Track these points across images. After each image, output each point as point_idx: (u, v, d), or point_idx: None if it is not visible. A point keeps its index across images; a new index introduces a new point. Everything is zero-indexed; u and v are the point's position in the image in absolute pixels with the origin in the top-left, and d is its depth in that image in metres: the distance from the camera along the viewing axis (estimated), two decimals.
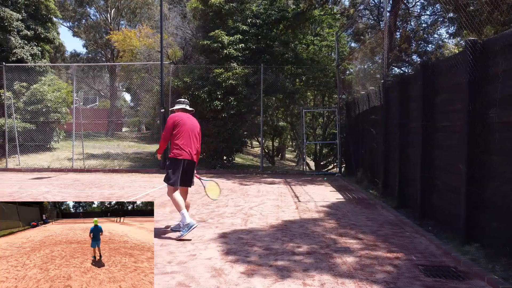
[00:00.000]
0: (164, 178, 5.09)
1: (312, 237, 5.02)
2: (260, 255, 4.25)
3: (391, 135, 7.66)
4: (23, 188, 9.25)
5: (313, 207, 7.19)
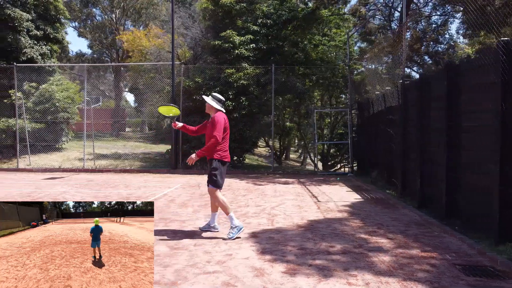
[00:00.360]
0: (209, 180, 4.92)
1: (342, 237, 5.03)
2: (296, 254, 4.26)
3: (410, 135, 7.67)
4: (40, 188, 9.26)
5: (334, 207, 7.21)
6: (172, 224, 5.67)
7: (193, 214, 6.38)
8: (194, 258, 4.08)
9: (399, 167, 8.29)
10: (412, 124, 7.48)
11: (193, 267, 3.81)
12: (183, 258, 4.09)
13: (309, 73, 14.64)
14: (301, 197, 8.31)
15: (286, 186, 10.00)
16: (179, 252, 4.28)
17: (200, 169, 13.33)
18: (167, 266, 3.84)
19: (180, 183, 10.53)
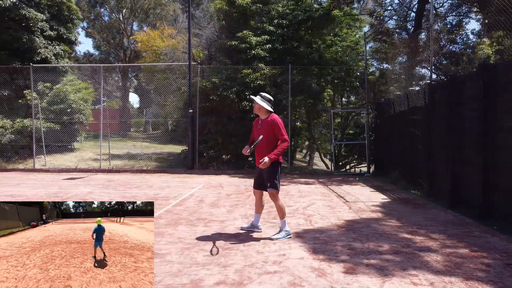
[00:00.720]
0: (270, 184, 4.80)
1: (386, 237, 5.05)
2: (348, 254, 4.28)
3: (438, 135, 7.69)
4: (64, 189, 9.28)
5: (365, 207, 7.23)
6: (211, 224, 5.69)
7: (228, 214, 6.40)
8: (249, 258, 4.10)
9: (424, 167, 8.32)
10: (441, 125, 7.51)
11: (252, 267, 3.83)
12: (238, 258, 4.12)
13: (324, 73, 14.66)
14: (328, 197, 8.33)
15: (309, 187, 10.02)
16: (231, 252, 4.31)
17: (216, 169, 13.37)
18: (226, 266, 3.86)
19: (201, 183, 10.55)
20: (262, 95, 5.01)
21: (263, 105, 4.90)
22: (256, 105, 4.96)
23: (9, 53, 15.17)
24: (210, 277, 3.54)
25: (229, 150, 13.58)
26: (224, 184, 10.30)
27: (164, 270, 3.73)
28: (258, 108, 4.95)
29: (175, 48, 17.04)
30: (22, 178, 11.41)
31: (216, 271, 3.70)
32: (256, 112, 5.01)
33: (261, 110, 4.95)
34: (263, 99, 4.95)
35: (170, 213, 6.43)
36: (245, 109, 12.98)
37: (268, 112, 4.95)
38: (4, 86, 14.84)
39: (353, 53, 16.83)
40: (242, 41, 13.35)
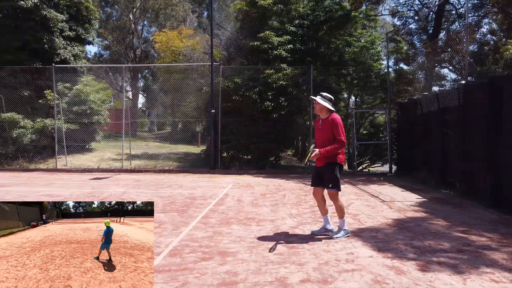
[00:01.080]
0: (332, 184, 4.83)
1: (442, 235, 5.10)
2: (415, 252, 4.33)
3: (476, 136, 7.73)
4: (96, 189, 9.33)
5: (404, 206, 7.28)
6: (263, 223, 5.74)
7: (274, 214, 6.44)
8: (320, 257, 4.16)
9: (459, 167, 8.36)
10: (480, 125, 7.55)
11: (328, 265, 3.88)
12: (308, 256, 4.17)
13: (344, 73, 14.72)
14: (362, 197, 8.38)
15: None
16: (300, 251, 4.36)
17: (238, 169, 13.42)
18: (301, 264, 3.91)
19: (229, 183, 10.60)
20: (323, 95, 4.96)
21: (325, 105, 4.86)
22: (318, 105, 4.91)
23: (29, 54, 15.23)
24: (292, 275, 3.60)
25: (251, 150, 13.63)
26: (253, 184, 10.35)
27: (243, 268, 3.78)
28: (320, 108, 4.92)
29: (194, 49, 17.10)
30: (48, 178, 11.47)
31: (295, 269, 3.76)
32: (317, 112, 4.99)
33: (322, 110, 4.91)
34: (324, 98, 4.91)
35: (216, 213, 6.48)
36: (267, 109, 13.02)
37: (329, 111, 4.92)
38: (25, 87, 14.90)
39: (369, 53, 16.90)
40: (264, 42, 13.40)
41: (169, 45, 18.29)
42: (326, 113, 4.92)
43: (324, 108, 4.90)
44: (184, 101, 16.76)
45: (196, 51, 16.89)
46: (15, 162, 14.15)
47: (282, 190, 9.24)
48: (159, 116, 30.15)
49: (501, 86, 6.95)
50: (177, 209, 6.74)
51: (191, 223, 5.71)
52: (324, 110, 4.91)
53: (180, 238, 4.86)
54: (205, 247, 4.47)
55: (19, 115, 14.38)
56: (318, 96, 4.98)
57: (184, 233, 5.08)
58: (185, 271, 3.70)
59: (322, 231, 5.12)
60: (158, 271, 3.69)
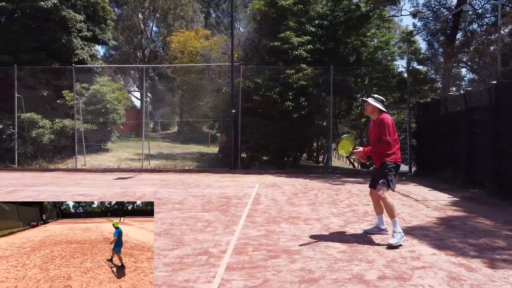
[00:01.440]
0: (383, 182, 4.72)
1: (493, 234, 5.15)
2: (475, 250, 4.38)
3: (508, 135, 7.78)
4: (127, 188, 9.38)
5: (440, 205, 7.33)
6: (311, 222, 5.79)
7: (317, 213, 6.48)
8: (384, 254, 4.20)
9: (489, 167, 8.41)
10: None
11: (396, 263, 3.93)
12: (373, 254, 4.21)
13: (361, 73, 14.79)
14: (394, 196, 8.38)
15: (365, 186, 10.11)
16: (361, 249, 4.40)
17: (258, 168, 13.47)
18: (370, 262, 3.96)
19: (254, 182, 10.65)
20: (375, 96, 4.96)
21: (378, 106, 4.85)
22: (370, 106, 4.90)
23: (48, 54, 15.28)
24: (367, 272, 3.64)
25: (271, 149, 13.69)
26: (279, 184, 10.41)
27: (315, 266, 3.83)
28: (371, 110, 4.90)
29: (212, 49, 17.15)
30: (72, 178, 11.52)
31: (367, 267, 3.80)
32: (369, 114, 4.97)
33: (374, 111, 4.89)
34: (376, 100, 4.91)
35: (258, 212, 6.52)
36: (288, 109, 13.08)
37: (380, 112, 4.89)
38: (44, 87, 14.95)
39: (383, 53, 16.99)
40: (284, 42, 13.46)
41: (186, 45, 18.35)
42: (377, 114, 4.89)
43: (376, 109, 4.88)
44: (200, 101, 16.81)
45: (214, 51, 16.93)
46: (35, 162, 14.21)
47: (311, 190, 9.29)
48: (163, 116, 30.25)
49: None
50: (218, 208, 6.79)
51: (238, 222, 5.75)
52: (376, 111, 4.89)
53: (236, 236, 4.91)
54: (266, 245, 4.51)
55: (38, 115, 14.43)
56: (370, 98, 4.97)
57: (238, 232, 5.13)
58: (259, 268, 3.74)
59: (375, 231, 5.14)
60: (231, 268, 3.74)
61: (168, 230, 5.19)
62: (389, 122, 4.75)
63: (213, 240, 4.74)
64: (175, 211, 6.54)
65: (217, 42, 17.79)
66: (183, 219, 5.89)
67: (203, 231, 5.18)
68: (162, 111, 28.23)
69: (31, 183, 10.18)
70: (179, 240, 4.71)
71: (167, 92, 26.39)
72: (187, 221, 5.72)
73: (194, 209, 6.73)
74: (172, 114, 34.92)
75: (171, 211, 6.53)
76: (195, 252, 4.22)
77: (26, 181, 10.74)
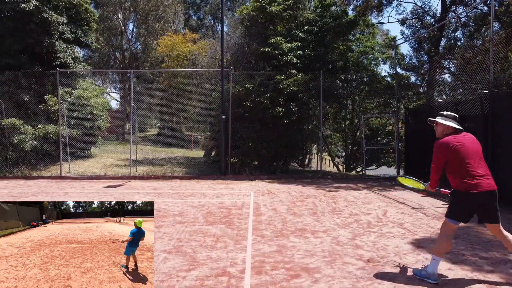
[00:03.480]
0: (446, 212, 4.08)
1: (499, 245, 5.25)
2: (487, 264, 4.47)
3: (503, 144, 8.00)
4: (120, 198, 9.15)
5: (438, 213, 7.45)
6: (319, 235, 5.78)
7: (322, 225, 6.47)
8: (403, 271, 4.24)
9: None
10: (508, 133, 7.82)
11: (417, 279, 3.96)
12: (391, 270, 4.25)
13: (350, 79, 14.96)
14: (390, 204, 8.54)
15: (359, 193, 10.21)
16: (377, 265, 4.43)
17: (249, 174, 13.41)
18: (392, 279, 3.98)
19: (248, 189, 10.60)
20: (444, 114, 4.13)
21: (450, 124, 4.02)
22: (440, 127, 4.07)
23: (30, 57, 14.77)
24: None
25: (261, 155, 13.66)
26: (274, 191, 10.38)
27: (339, 286, 3.81)
28: (442, 131, 4.06)
29: (201, 53, 16.96)
30: (60, 187, 11.15)
31: (390, 285, 3.82)
32: (439, 135, 4.08)
33: (446, 130, 4.03)
34: (446, 118, 4.08)
35: (262, 224, 6.47)
36: (278, 115, 13.08)
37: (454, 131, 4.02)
38: (25, 91, 14.44)
39: (368, 58, 17.26)
40: (274, 48, 13.46)
41: (173, 49, 18.09)
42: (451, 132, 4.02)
43: (449, 128, 4.02)
44: (187, 106, 16.61)
45: (202, 56, 16.75)
46: (16, 169, 13.70)
47: (307, 197, 9.31)
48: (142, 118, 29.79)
49: None
50: (221, 221, 6.70)
51: (247, 236, 5.69)
52: (449, 129, 4.01)
53: (250, 253, 4.84)
54: (283, 263, 4.47)
55: (20, 120, 13.92)
56: (438, 117, 4.14)
57: (250, 248, 5.06)
58: None
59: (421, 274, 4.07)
60: None
61: (178, 247, 5.07)
62: (438, 146, 3.98)
63: (228, 258, 4.66)
64: (178, 224, 6.41)
65: (205, 46, 17.63)
66: (189, 233, 5.78)
67: (214, 247, 5.09)
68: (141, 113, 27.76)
69: (18, 194, 9.80)
70: (193, 259, 4.60)
71: (147, 94, 26.03)
72: (194, 236, 5.61)
73: (197, 222, 6.62)
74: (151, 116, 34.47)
75: (174, 224, 6.39)
76: (213, 273, 4.14)
77: (12, 191, 10.33)
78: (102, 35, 26.67)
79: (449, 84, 12.19)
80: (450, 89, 11.32)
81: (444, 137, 3.98)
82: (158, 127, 31.33)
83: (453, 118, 4.10)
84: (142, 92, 28.22)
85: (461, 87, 10.77)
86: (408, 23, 15.42)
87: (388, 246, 5.19)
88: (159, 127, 30.79)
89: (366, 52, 17.45)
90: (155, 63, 24.93)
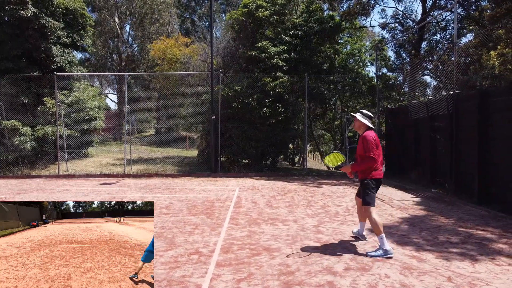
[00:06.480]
0: (363, 201, 4.91)
1: (446, 230, 5.93)
2: (429, 245, 5.13)
3: (466, 141, 8.64)
4: (113, 194, 9.80)
5: (403, 205, 8.13)
6: (288, 223, 6.44)
7: (293, 215, 7.13)
8: (350, 250, 4.89)
9: (448, 168, 9.31)
10: (468, 131, 8.47)
11: (361, 256, 4.62)
12: (341, 250, 4.90)
13: (334, 80, 15.63)
14: None
15: (338, 188, 10.88)
16: (331, 246, 5.08)
17: (238, 172, 14.07)
18: (339, 256, 4.64)
19: (235, 185, 11.25)
20: (363, 112, 5.06)
21: (365, 122, 4.98)
22: (357, 123, 5.05)
23: (28, 61, 15.43)
24: (335, 265, 4.31)
25: (250, 154, 14.32)
26: (258, 187, 11.04)
27: (292, 261, 4.47)
28: (359, 126, 5.05)
29: (192, 57, 17.62)
30: (58, 185, 11.80)
31: (335, 260, 4.47)
32: (356, 129, 5.11)
33: (361, 127, 5.03)
34: (364, 116, 5.03)
35: (240, 215, 7.13)
36: (265, 115, 13.74)
37: (367, 128, 5.01)
38: (25, 94, 15.09)
39: (355, 60, 17.93)
40: (261, 51, 14.11)
41: (166, 53, 18.77)
42: (364, 129, 5.02)
43: (363, 125, 5.02)
44: (181, 107, 17.27)
45: (193, 59, 17.41)
46: (16, 168, 14.36)
47: (288, 192, 9.96)
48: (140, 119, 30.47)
49: (487, 98, 7.90)
50: (203, 212, 7.36)
51: (223, 224, 6.35)
52: (363, 127, 5.03)
53: (222, 237, 5.50)
54: (249, 245, 5.13)
55: (19, 122, 14.58)
56: (358, 114, 5.10)
57: (224, 233, 5.72)
58: (244, 264, 4.36)
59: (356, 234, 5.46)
60: (221, 265, 4.33)
61: (160, 233, 5.73)
62: (371, 139, 4.84)
63: (202, 241, 5.31)
64: (163, 215, 7.06)
65: (197, 50, 18.29)
66: (172, 222, 6.44)
67: (192, 233, 5.75)
68: (139, 114, 28.38)
69: (18, 191, 10.44)
70: (171, 242, 5.26)
71: (143, 96, 26.70)
72: (176, 225, 6.27)
73: (181, 213, 7.28)
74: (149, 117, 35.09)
75: (159, 215, 7.05)
76: (187, 252, 4.80)
77: (13, 188, 10.98)
78: (99, 38, 27.32)
79: (426, 84, 12.84)
80: (425, 89, 12.00)
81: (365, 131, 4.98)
82: (155, 127, 31.98)
83: (369, 117, 5.08)
84: (139, 94, 29.03)
85: (437, 87, 11.43)
86: (389, 27, 16.08)
87: (346, 231, 5.85)
88: (156, 127, 31.47)
89: (353, 54, 18.14)
90: (151, 66, 25.59)
